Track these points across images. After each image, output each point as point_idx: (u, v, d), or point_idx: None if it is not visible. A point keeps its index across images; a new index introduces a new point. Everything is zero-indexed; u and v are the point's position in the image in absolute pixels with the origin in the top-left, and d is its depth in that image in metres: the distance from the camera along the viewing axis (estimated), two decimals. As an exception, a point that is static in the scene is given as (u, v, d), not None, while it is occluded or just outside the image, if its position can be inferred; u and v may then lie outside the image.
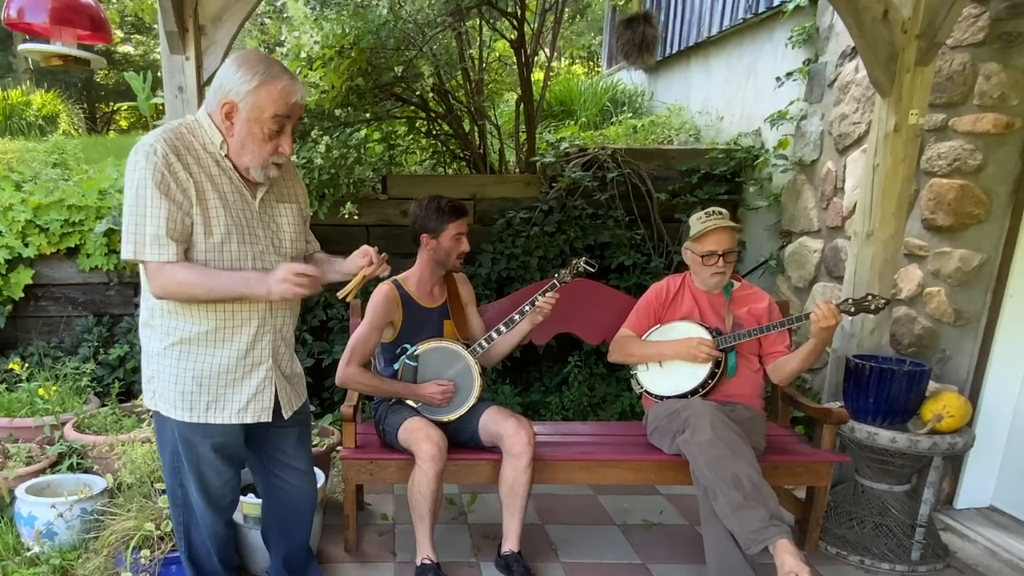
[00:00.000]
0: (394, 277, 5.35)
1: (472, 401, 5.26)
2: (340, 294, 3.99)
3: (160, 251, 3.47)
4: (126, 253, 3.52)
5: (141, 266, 3.60)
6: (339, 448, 5.87)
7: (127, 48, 24.53)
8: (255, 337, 3.79)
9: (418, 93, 8.64)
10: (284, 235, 3.87)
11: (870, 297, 4.95)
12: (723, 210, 5.51)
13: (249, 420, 3.87)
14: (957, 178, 5.77)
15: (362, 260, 3.95)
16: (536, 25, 9.12)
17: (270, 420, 3.92)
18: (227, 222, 3.61)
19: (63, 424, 6.26)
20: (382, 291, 5.22)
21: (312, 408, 6.83)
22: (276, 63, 3.59)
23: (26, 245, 7.38)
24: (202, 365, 3.75)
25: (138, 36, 24.88)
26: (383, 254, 3.97)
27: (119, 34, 22.75)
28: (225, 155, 3.64)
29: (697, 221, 5.47)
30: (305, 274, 3.57)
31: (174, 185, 3.46)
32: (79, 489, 5.45)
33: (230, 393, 3.81)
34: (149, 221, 3.44)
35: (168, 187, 3.44)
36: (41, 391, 6.61)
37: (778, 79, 8.14)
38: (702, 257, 5.42)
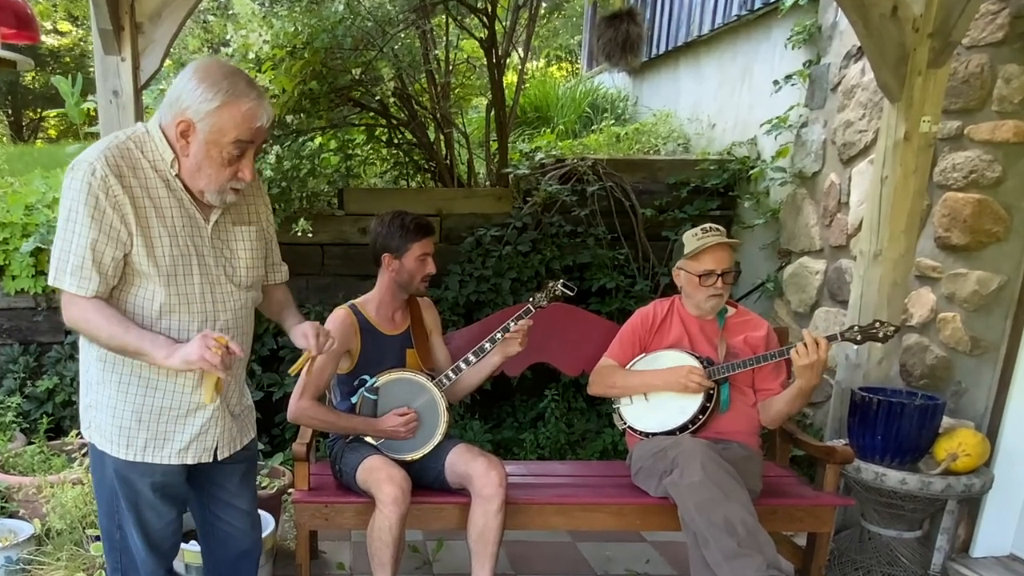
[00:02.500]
0: (351, 301, 5.34)
1: (438, 438, 5.23)
2: (291, 371, 4.03)
3: (80, 283, 3.44)
4: (50, 278, 3.53)
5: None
6: (291, 490, 5.81)
7: (52, 41, 24.38)
8: (202, 374, 3.71)
9: (378, 98, 8.64)
10: (239, 262, 3.81)
11: (878, 324, 4.95)
12: (719, 226, 5.52)
13: (190, 461, 3.83)
14: (974, 192, 5.79)
15: (303, 343, 3.94)
16: (508, 23, 9.15)
17: (211, 461, 3.90)
18: (172, 252, 3.56)
19: (-16, 464, 6.24)
20: (338, 317, 5.20)
21: (261, 446, 6.81)
22: (242, 78, 3.51)
23: (-57, 266, 7.35)
24: (143, 399, 3.71)
25: (60, 30, 24.77)
26: (323, 333, 3.95)
27: (45, 25, 22.63)
28: (176, 174, 3.58)
29: (693, 238, 5.45)
30: (227, 346, 3.46)
31: (110, 211, 3.40)
32: (3, 536, 5.43)
33: (171, 431, 3.77)
34: (75, 248, 3.41)
35: (103, 213, 3.38)
36: (-39, 428, 6.59)
37: (776, 83, 8.18)
38: (699, 277, 5.38)
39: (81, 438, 6.41)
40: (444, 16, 8.87)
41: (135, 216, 3.45)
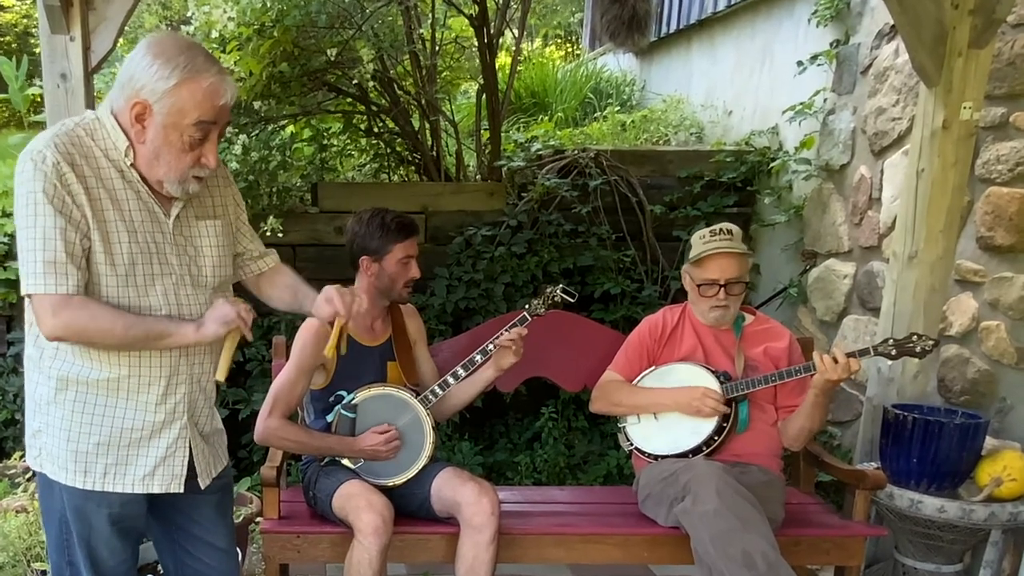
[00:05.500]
0: (327, 309, 5.32)
1: (423, 461, 5.21)
2: (326, 351, 3.95)
3: (59, 280, 3.35)
4: (25, 287, 3.41)
5: (28, 300, 3.49)
6: (259, 519, 5.79)
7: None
8: (168, 388, 3.70)
9: (356, 82, 8.63)
10: (204, 260, 3.77)
11: (915, 338, 4.93)
12: (733, 228, 5.45)
13: (156, 489, 3.77)
14: (1020, 187, 5.80)
15: (327, 309, 3.87)
16: (502, -2, 9.15)
17: (181, 491, 3.84)
18: (131, 249, 3.52)
19: (-85, 491, 6.22)
20: (311, 326, 5.15)
21: (226, 470, 6.79)
22: (200, 52, 3.48)
23: None
24: (101, 420, 3.66)
25: (2, 4, 24.69)
26: (348, 296, 3.90)
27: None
28: (132, 164, 3.53)
29: (699, 240, 5.42)
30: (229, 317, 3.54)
31: (69, 200, 3.35)
32: (-64, 571, 5.42)
33: (134, 455, 3.72)
34: (43, 245, 3.33)
35: (63, 202, 3.33)
36: None
37: (800, 64, 8.17)
38: (699, 286, 5.39)
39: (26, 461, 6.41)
40: (430, -10, 8.88)
41: (91, 208, 3.40)
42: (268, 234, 7.49)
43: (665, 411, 5.43)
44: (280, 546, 5.21)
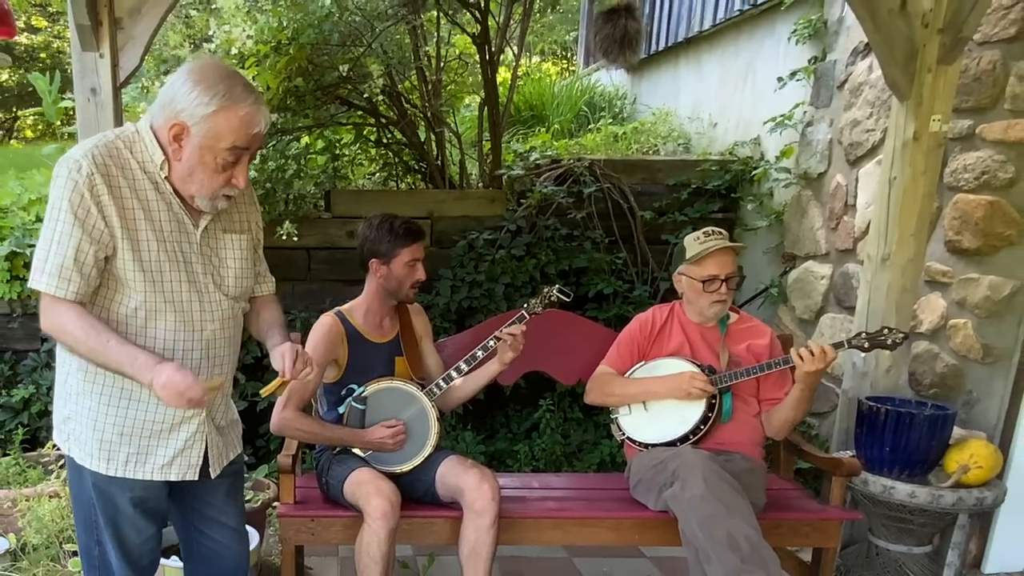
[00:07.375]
0: (338, 308, 5.33)
1: (428, 450, 5.22)
2: (263, 392, 3.96)
3: (59, 284, 3.39)
4: (30, 280, 3.47)
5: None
6: (276, 504, 5.80)
7: (25, 39, 24.22)
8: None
9: (366, 96, 8.64)
10: (228, 271, 3.80)
11: (886, 331, 4.94)
12: (721, 230, 5.49)
13: (173, 478, 3.80)
14: (986, 194, 5.80)
15: (278, 365, 3.84)
16: (502, 18, 9.16)
17: (196, 478, 3.86)
18: (159, 256, 3.54)
19: (-43, 477, 6.21)
20: (324, 324, 5.20)
21: (245, 458, 6.76)
22: (239, 80, 3.48)
23: (-87, 270, 7.30)
24: (126, 411, 3.68)
25: (35, 26, 24.65)
26: (303, 358, 3.86)
27: (20, 23, 22.52)
28: (166, 177, 3.55)
29: (695, 242, 5.41)
30: (193, 397, 3.42)
31: (95, 210, 3.37)
32: (-24, 551, 5.41)
33: (154, 446, 3.74)
34: (56, 248, 3.38)
35: (87, 213, 3.36)
36: (-68, 439, 6.56)
37: (780, 80, 8.18)
38: (703, 283, 5.35)
39: (58, 449, 6.39)
40: (435, 11, 8.85)
41: (121, 217, 3.42)
42: (284, 238, 7.51)
43: (656, 399, 5.43)
44: (295, 529, 5.21)
